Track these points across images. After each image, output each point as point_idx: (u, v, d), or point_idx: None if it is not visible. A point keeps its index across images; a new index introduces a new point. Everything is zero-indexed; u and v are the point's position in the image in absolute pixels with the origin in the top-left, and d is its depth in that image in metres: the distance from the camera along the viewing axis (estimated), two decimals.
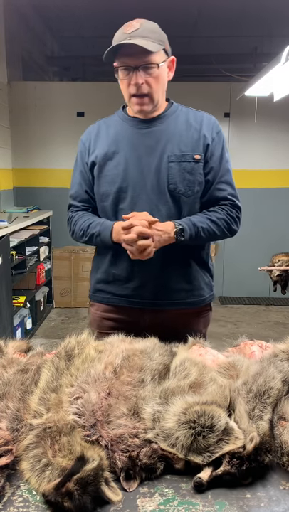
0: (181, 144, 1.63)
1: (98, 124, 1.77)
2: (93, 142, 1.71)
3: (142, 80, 1.54)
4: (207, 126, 1.67)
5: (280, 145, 5.65)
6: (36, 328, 4.80)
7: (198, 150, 1.64)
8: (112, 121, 1.74)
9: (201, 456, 0.94)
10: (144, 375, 1.13)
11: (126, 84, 1.57)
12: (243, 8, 5.40)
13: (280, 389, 1.09)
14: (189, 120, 1.68)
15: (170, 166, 1.62)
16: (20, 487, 0.95)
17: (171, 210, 1.64)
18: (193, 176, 1.64)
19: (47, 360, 1.23)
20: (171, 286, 1.69)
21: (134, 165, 1.63)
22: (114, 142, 1.67)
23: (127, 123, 1.69)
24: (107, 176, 1.67)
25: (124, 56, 1.53)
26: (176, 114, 1.69)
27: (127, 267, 1.68)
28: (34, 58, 6.25)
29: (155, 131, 1.65)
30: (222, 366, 1.23)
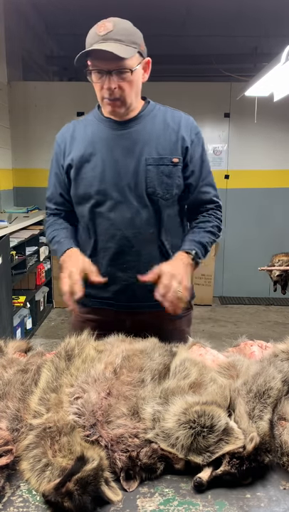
0: (159, 147, 1.60)
1: (73, 123, 1.73)
2: (69, 144, 1.68)
3: (114, 84, 1.50)
4: (185, 128, 1.64)
5: (280, 145, 5.65)
6: (36, 328, 4.80)
7: (176, 153, 1.61)
8: (87, 121, 1.71)
9: (201, 456, 0.94)
10: (144, 375, 1.13)
11: (98, 87, 1.54)
12: (243, 8, 5.40)
13: (280, 389, 1.09)
14: (167, 120, 1.64)
15: (148, 169, 1.59)
16: (20, 487, 0.95)
17: (150, 213, 1.63)
18: (171, 180, 1.62)
19: (47, 360, 1.23)
20: (152, 289, 1.66)
21: (111, 167, 1.60)
22: (91, 144, 1.63)
23: (103, 124, 1.65)
24: (84, 179, 1.63)
25: (96, 60, 1.48)
26: (154, 114, 1.65)
27: (106, 271, 1.66)
28: (34, 58, 6.25)
29: (132, 132, 1.61)
30: (222, 366, 1.23)
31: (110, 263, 1.65)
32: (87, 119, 1.72)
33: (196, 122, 1.70)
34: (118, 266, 1.65)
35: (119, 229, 1.62)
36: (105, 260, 1.65)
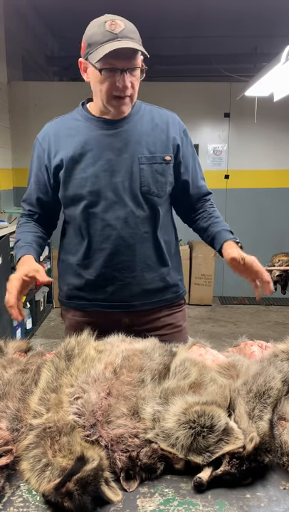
0: (150, 145, 1.61)
1: (56, 122, 1.71)
2: (54, 143, 1.65)
3: (129, 82, 1.50)
4: (173, 127, 1.66)
5: (280, 145, 5.65)
6: (36, 328, 4.80)
7: (167, 151, 1.63)
8: (72, 120, 1.68)
9: (201, 456, 0.94)
10: (144, 375, 1.13)
11: (108, 85, 1.51)
12: (243, 8, 5.40)
13: (280, 389, 1.09)
14: (155, 120, 1.65)
15: (141, 168, 1.59)
16: (20, 487, 0.95)
17: (145, 212, 1.63)
18: (164, 178, 1.63)
19: (47, 360, 1.23)
20: (147, 287, 1.68)
21: (103, 167, 1.59)
22: (80, 144, 1.60)
23: (92, 123, 1.63)
24: (76, 180, 1.61)
25: (112, 58, 1.46)
26: (141, 114, 1.65)
27: (101, 272, 1.65)
28: (34, 58, 6.25)
29: (122, 132, 1.61)
30: (222, 366, 1.23)
31: (105, 264, 1.64)
32: (72, 117, 1.69)
33: (196, 122, 1.72)
34: (113, 266, 1.64)
35: (114, 229, 1.61)
36: (100, 261, 1.64)
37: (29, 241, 1.65)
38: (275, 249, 2.63)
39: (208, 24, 5.88)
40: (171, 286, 1.74)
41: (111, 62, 1.47)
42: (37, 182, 1.69)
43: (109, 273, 1.65)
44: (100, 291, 1.67)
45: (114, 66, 1.48)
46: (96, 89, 1.58)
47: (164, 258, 1.70)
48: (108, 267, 1.65)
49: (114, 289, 1.67)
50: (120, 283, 1.66)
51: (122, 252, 1.63)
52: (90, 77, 1.57)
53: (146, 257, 1.66)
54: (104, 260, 1.64)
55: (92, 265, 1.66)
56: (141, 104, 1.68)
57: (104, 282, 1.66)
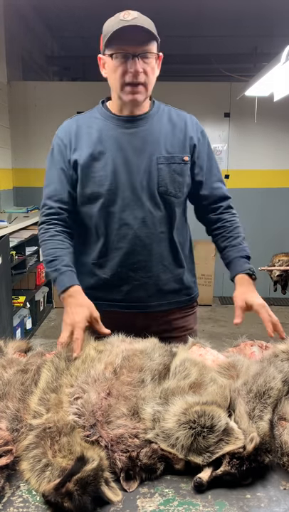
0: (168, 145, 1.61)
1: (76, 119, 1.69)
2: (74, 139, 1.63)
3: (141, 68, 1.49)
4: (191, 127, 1.66)
5: (280, 145, 5.65)
6: (36, 328, 4.80)
7: (185, 151, 1.63)
8: (92, 118, 1.67)
9: (201, 456, 0.94)
10: (144, 375, 1.12)
11: (121, 71, 1.51)
12: (243, 8, 5.39)
13: (280, 389, 1.09)
14: (173, 120, 1.65)
15: (160, 168, 1.59)
16: (20, 487, 0.94)
17: (162, 212, 1.63)
18: (182, 178, 1.63)
19: (47, 361, 1.22)
20: (162, 288, 1.68)
21: (122, 166, 1.58)
22: (100, 142, 1.60)
23: (111, 121, 1.63)
24: (94, 178, 1.60)
25: (123, 43, 1.48)
26: (160, 114, 1.65)
27: (116, 272, 1.65)
28: (34, 58, 6.25)
29: (141, 131, 1.61)
30: (222, 366, 1.23)
31: (121, 263, 1.63)
32: (91, 115, 1.68)
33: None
34: (129, 266, 1.64)
35: (131, 228, 1.60)
36: (116, 260, 1.63)
37: (69, 263, 1.54)
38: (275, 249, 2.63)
39: (208, 24, 5.88)
40: (185, 288, 1.74)
41: (122, 47, 1.49)
42: (64, 177, 1.64)
43: (124, 273, 1.65)
44: (115, 291, 1.67)
45: (126, 51, 1.49)
46: (111, 81, 1.59)
47: (180, 259, 1.70)
48: (124, 267, 1.64)
49: (129, 288, 1.66)
50: (136, 283, 1.66)
51: (139, 251, 1.63)
52: (107, 70, 1.58)
53: (162, 257, 1.66)
54: (120, 260, 1.63)
55: (107, 264, 1.65)
56: (160, 104, 1.69)
57: (119, 282, 1.66)
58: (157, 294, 1.68)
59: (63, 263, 1.52)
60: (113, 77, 1.55)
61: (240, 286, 1.59)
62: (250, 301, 1.52)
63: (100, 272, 1.67)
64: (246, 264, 1.63)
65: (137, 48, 1.48)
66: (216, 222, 1.72)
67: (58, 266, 1.52)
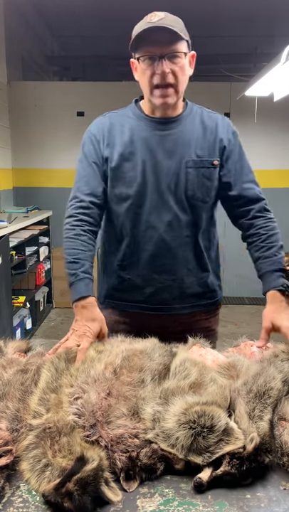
0: (198, 148, 1.58)
1: (109, 117, 1.66)
2: (107, 136, 1.61)
3: (168, 68, 1.47)
4: (222, 129, 1.63)
5: (280, 145, 5.65)
6: (36, 329, 4.80)
7: (214, 154, 1.60)
8: (124, 117, 1.65)
9: (201, 456, 0.94)
10: (144, 376, 1.12)
11: (149, 74, 1.49)
12: (243, 8, 5.39)
13: (280, 389, 1.09)
14: (204, 122, 1.62)
15: (188, 172, 1.57)
16: (20, 487, 0.94)
17: (189, 216, 1.61)
18: (210, 182, 1.60)
19: (47, 361, 1.22)
20: (186, 291, 1.68)
21: (151, 169, 1.57)
22: (131, 142, 1.58)
23: (143, 122, 1.61)
24: (124, 178, 1.59)
25: (149, 45, 1.46)
26: (192, 115, 1.63)
27: (141, 273, 1.65)
28: (34, 58, 6.25)
29: (173, 134, 1.59)
30: (222, 366, 1.23)
31: (146, 265, 1.63)
32: (124, 114, 1.66)
33: None
34: (153, 268, 1.63)
35: (157, 231, 1.60)
36: (140, 262, 1.63)
37: (88, 269, 1.51)
38: None
39: (208, 24, 5.88)
40: (209, 292, 1.74)
41: (149, 49, 1.47)
42: (98, 172, 1.61)
43: (148, 275, 1.64)
44: (139, 293, 1.67)
45: (152, 53, 1.47)
46: (141, 84, 1.57)
47: (205, 263, 1.69)
48: (148, 269, 1.64)
49: (152, 291, 1.66)
50: (160, 285, 1.65)
51: (163, 254, 1.62)
52: (137, 73, 1.56)
53: (186, 260, 1.65)
54: (145, 262, 1.63)
55: (132, 266, 1.65)
56: (192, 105, 1.67)
57: (143, 284, 1.65)
58: (181, 296, 1.67)
59: (83, 269, 1.49)
60: (142, 80, 1.54)
61: (269, 305, 1.51)
62: (278, 323, 1.43)
63: (124, 273, 1.67)
64: (279, 279, 1.54)
65: (163, 48, 1.46)
66: (248, 228, 1.64)
67: (77, 270, 1.49)
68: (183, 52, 1.49)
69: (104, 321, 1.45)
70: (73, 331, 1.38)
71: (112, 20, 5.73)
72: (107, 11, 5.38)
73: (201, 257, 1.68)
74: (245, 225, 1.65)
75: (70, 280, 1.49)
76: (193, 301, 1.70)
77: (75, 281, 1.48)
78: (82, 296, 1.45)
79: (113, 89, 5.38)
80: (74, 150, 1.78)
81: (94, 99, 5.41)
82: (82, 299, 1.45)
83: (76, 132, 5.63)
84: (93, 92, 5.45)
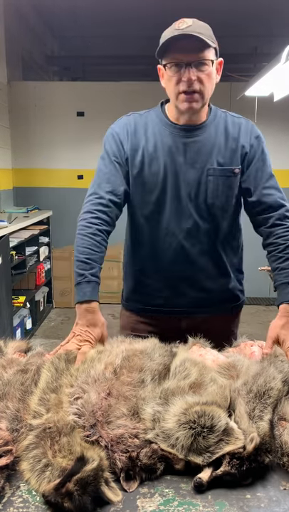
0: (220, 157, 1.57)
1: (133, 117, 1.63)
2: (131, 137, 1.58)
3: (194, 76, 1.46)
4: (245, 134, 1.60)
5: (280, 145, 5.64)
6: (36, 329, 4.80)
7: (236, 162, 1.58)
8: (149, 120, 1.62)
9: (201, 456, 0.94)
10: (144, 376, 1.12)
11: (175, 81, 1.48)
12: (243, 8, 5.40)
13: (281, 389, 1.09)
14: (228, 128, 1.61)
15: (209, 180, 1.56)
16: (20, 487, 0.94)
17: (209, 224, 1.60)
18: (231, 191, 1.59)
19: (47, 361, 1.22)
20: (206, 297, 1.67)
21: (172, 176, 1.56)
22: (154, 147, 1.57)
23: (168, 129, 1.59)
24: (145, 184, 1.58)
25: (176, 52, 1.46)
26: (216, 122, 1.61)
27: (160, 279, 1.65)
28: (34, 58, 6.25)
29: (196, 141, 1.57)
30: (222, 366, 1.23)
31: (164, 271, 1.63)
32: (149, 117, 1.63)
33: None
34: (173, 274, 1.63)
35: (176, 238, 1.59)
36: (159, 268, 1.64)
37: (97, 272, 1.48)
38: None
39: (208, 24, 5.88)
40: (231, 297, 1.74)
41: (176, 56, 1.47)
42: (120, 171, 1.58)
43: (168, 280, 1.65)
44: (158, 297, 1.67)
45: (179, 60, 1.46)
46: (167, 91, 1.56)
47: (225, 269, 1.68)
48: (167, 275, 1.64)
49: (172, 295, 1.66)
50: (179, 291, 1.65)
51: (182, 261, 1.62)
52: (164, 80, 1.56)
53: (206, 267, 1.64)
54: (164, 268, 1.63)
55: (151, 271, 1.65)
56: (216, 110, 1.65)
57: (162, 288, 1.66)
58: (200, 302, 1.67)
59: (92, 271, 1.46)
60: (169, 86, 1.53)
61: (279, 318, 1.49)
62: (282, 339, 1.42)
63: (144, 277, 1.68)
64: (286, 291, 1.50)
65: (190, 56, 1.45)
66: (268, 237, 1.60)
67: (86, 272, 1.46)
68: (210, 59, 1.48)
69: (105, 325, 1.45)
70: (74, 335, 1.38)
71: (112, 20, 5.74)
72: (107, 11, 5.38)
73: (222, 263, 1.66)
74: (265, 233, 1.61)
75: (78, 280, 1.46)
76: (212, 305, 1.69)
77: (82, 282, 1.45)
78: (87, 299, 1.43)
79: (113, 89, 5.38)
80: (74, 150, 1.78)
81: (94, 99, 5.41)
82: (86, 302, 1.43)
83: (76, 132, 5.67)
84: (93, 92, 5.45)
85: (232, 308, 1.76)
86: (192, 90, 1.49)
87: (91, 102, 5.42)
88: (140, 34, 5.97)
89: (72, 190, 5.46)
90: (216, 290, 1.68)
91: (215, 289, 1.68)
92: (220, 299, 1.70)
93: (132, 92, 5.24)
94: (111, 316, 4.27)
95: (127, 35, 6.24)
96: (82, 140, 5.47)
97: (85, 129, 5.48)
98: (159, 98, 1.71)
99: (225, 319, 1.75)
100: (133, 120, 1.62)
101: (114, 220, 1.57)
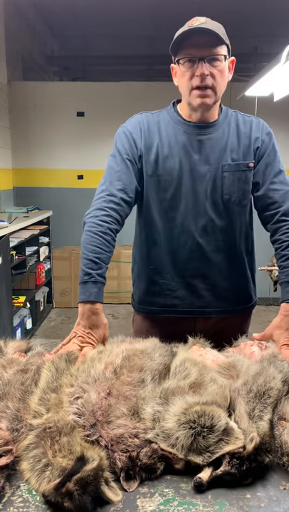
0: (234, 153, 1.58)
1: (146, 116, 1.63)
2: (144, 136, 1.58)
3: (207, 70, 1.46)
4: (256, 130, 1.62)
5: (280, 145, 5.64)
6: (36, 328, 4.80)
7: (250, 157, 1.59)
8: (161, 119, 1.62)
9: (201, 456, 0.94)
10: (144, 375, 1.12)
11: (188, 76, 1.49)
12: (243, 8, 5.40)
13: (280, 389, 1.09)
14: (239, 126, 1.62)
15: (224, 176, 1.57)
16: (20, 487, 0.94)
17: (225, 220, 1.60)
18: (247, 185, 1.59)
19: (47, 361, 1.22)
20: (220, 295, 1.67)
21: (187, 173, 1.56)
22: (168, 145, 1.57)
23: (181, 127, 1.59)
24: (160, 182, 1.58)
25: (189, 47, 1.47)
26: (228, 120, 1.62)
27: (174, 277, 1.64)
28: (34, 58, 6.25)
29: (209, 138, 1.58)
30: (222, 366, 1.23)
31: (180, 270, 1.63)
32: (161, 116, 1.63)
33: None
34: (188, 273, 1.63)
35: (192, 236, 1.59)
36: (174, 267, 1.63)
37: (104, 273, 1.46)
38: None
39: None
40: (244, 296, 1.74)
41: (189, 51, 1.47)
42: (132, 169, 1.57)
43: (183, 279, 1.64)
44: (172, 296, 1.66)
45: (192, 55, 1.47)
46: (180, 87, 1.56)
47: (240, 268, 1.68)
48: (182, 274, 1.63)
49: (186, 294, 1.65)
50: (193, 289, 1.65)
51: (198, 259, 1.61)
52: (177, 77, 1.56)
53: (221, 265, 1.64)
54: (179, 266, 1.63)
55: (165, 270, 1.64)
56: (227, 110, 1.66)
57: (176, 287, 1.65)
58: (215, 301, 1.67)
59: (100, 271, 1.44)
60: (182, 82, 1.53)
61: (278, 316, 1.49)
62: (276, 339, 1.44)
63: (158, 278, 1.66)
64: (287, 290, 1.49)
65: (204, 51, 1.46)
66: (274, 233, 1.59)
67: (93, 271, 1.43)
68: (223, 55, 1.48)
69: (107, 326, 1.44)
70: (76, 335, 1.37)
71: (112, 20, 5.74)
72: (107, 11, 5.38)
73: (237, 262, 1.66)
74: (271, 230, 1.60)
75: (84, 278, 1.43)
76: (227, 305, 1.69)
77: (89, 281, 1.43)
78: (92, 300, 1.41)
79: (113, 89, 5.38)
80: (74, 150, 1.78)
81: (94, 99, 5.41)
82: (90, 302, 1.41)
83: (76, 132, 5.67)
84: (93, 92, 5.45)
85: (245, 309, 1.76)
86: (205, 85, 1.49)
87: (91, 102, 5.42)
88: (140, 34, 5.98)
89: (72, 190, 5.46)
90: (230, 289, 1.68)
91: (230, 288, 1.68)
92: (234, 299, 1.70)
93: (131, 92, 5.24)
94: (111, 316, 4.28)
95: (127, 35, 6.24)
96: (82, 140, 5.47)
97: (85, 129, 5.48)
98: (159, 98, 1.72)
99: (238, 320, 1.75)
100: (146, 118, 1.62)
101: (123, 219, 1.55)
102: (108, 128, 1.67)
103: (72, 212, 5.15)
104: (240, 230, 1.65)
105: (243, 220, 1.64)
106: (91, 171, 5.33)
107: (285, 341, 1.42)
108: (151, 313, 1.72)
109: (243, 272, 1.70)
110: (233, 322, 1.72)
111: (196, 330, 1.58)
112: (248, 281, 1.73)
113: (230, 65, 1.57)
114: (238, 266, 1.68)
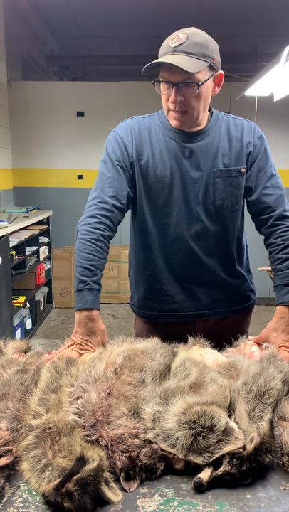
0: (225, 158, 1.57)
1: (137, 121, 1.61)
2: (135, 142, 1.57)
3: (180, 97, 1.45)
4: (248, 134, 1.59)
5: (280, 145, 5.64)
6: (36, 329, 4.80)
7: (242, 162, 1.57)
8: (152, 124, 1.60)
9: (201, 456, 0.94)
10: (144, 375, 1.12)
11: (165, 98, 1.49)
12: (243, 8, 5.39)
13: (280, 389, 1.09)
14: (230, 130, 1.60)
15: (216, 182, 1.56)
16: (20, 487, 0.94)
17: (218, 225, 1.60)
18: (239, 190, 1.59)
19: (47, 362, 1.22)
20: (217, 298, 1.68)
21: (179, 180, 1.56)
22: (159, 152, 1.56)
23: (170, 134, 1.57)
24: (151, 189, 1.57)
25: (165, 71, 1.44)
26: (218, 125, 1.60)
27: (171, 282, 1.65)
28: (34, 58, 6.25)
29: (199, 145, 1.56)
30: (222, 366, 1.23)
31: (175, 275, 1.64)
32: (152, 122, 1.61)
33: None
34: (183, 278, 1.64)
35: (185, 242, 1.59)
36: (170, 272, 1.64)
37: (99, 280, 1.46)
38: None
39: (208, 24, 5.88)
40: (241, 298, 1.74)
41: (164, 75, 1.45)
42: (123, 176, 1.56)
43: (180, 284, 1.65)
44: (170, 301, 1.67)
45: (167, 79, 1.45)
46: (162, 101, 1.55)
47: (235, 270, 1.69)
48: (178, 278, 1.64)
49: (184, 299, 1.66)
50: (191, 293, 1.66)
51: (192, 264, 1.62)
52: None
53: (216, 270, 1.65)
54: (175, 272, 1.63)
55: (162, 276, 1.65)
56: (218, 114, 1.64)
57: (174, 292, 1.66)
58: (212, 304, 1.68)
59: (94, 278, 1.44)
60: (162, 98, 1.52)
61: (274, 319, 1.49)
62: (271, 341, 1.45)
63: (155, 283, 1.67)
64: (287, 295, 1.49)
65: (177, 76, 1.42)
66: (268, 237, 1.60)
67: (88, 279, 1.43)
68: (196, 83, 1.42)
69: (105, 332, 1.44)
70: (74, 343, 1.37)
71: (112, 20, 5.74)
72: (107, 11, 5.38)
73: (232, 265, 1.67)
74: (266, 234, 1.60)
75: (79, 286, 1.44)
76: (225, 307, 1.70)
77: (84, 289, 1.43)
78: (88, 308, 1.42)
79: (113, 89, 5.38)
80: (74, 150, 1.78)
81: (94, 99, 5.41)
82: (87, 309, 1.41)
83: (76, 132, 5.67)
84: (93, 92, 5.45)
85: (244, 309, 1.77)
86: (178, 110, 1.48)
87: (91, 102, 5.42)
88: (140, 34, 5.98)
89: (72, 190, 5.46)
90: (227, 291, 1.69)
91: (226, 291, 1.69)
92: (232, 300, 1.71)
93: (131, 92, 5.24)
94: (111, 316, 4.28)
95: (126, 35, 6.24)
96: (82, 140, 5.47)
97: (85, 129, 5.48)
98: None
99: (237, 320, 1.76)
100: (137, 123, 1.60)
101: (116, 225, 1.55)
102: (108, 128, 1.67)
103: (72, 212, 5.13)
104: (232, 234, 1.65)
105: (235, 224, 1.65)
106: (91, 171, 5.33)
107: (283, 343, 1.43)
108: (152, 318, 1.73)
109: (238, 274, 1.71)
110: (232, 322, 1.73)
111: (197, 331, 1.59)
112: (245, 282, 1.74)
113: (218, 79, 1.54)
114: (232, 270, 1.68)
